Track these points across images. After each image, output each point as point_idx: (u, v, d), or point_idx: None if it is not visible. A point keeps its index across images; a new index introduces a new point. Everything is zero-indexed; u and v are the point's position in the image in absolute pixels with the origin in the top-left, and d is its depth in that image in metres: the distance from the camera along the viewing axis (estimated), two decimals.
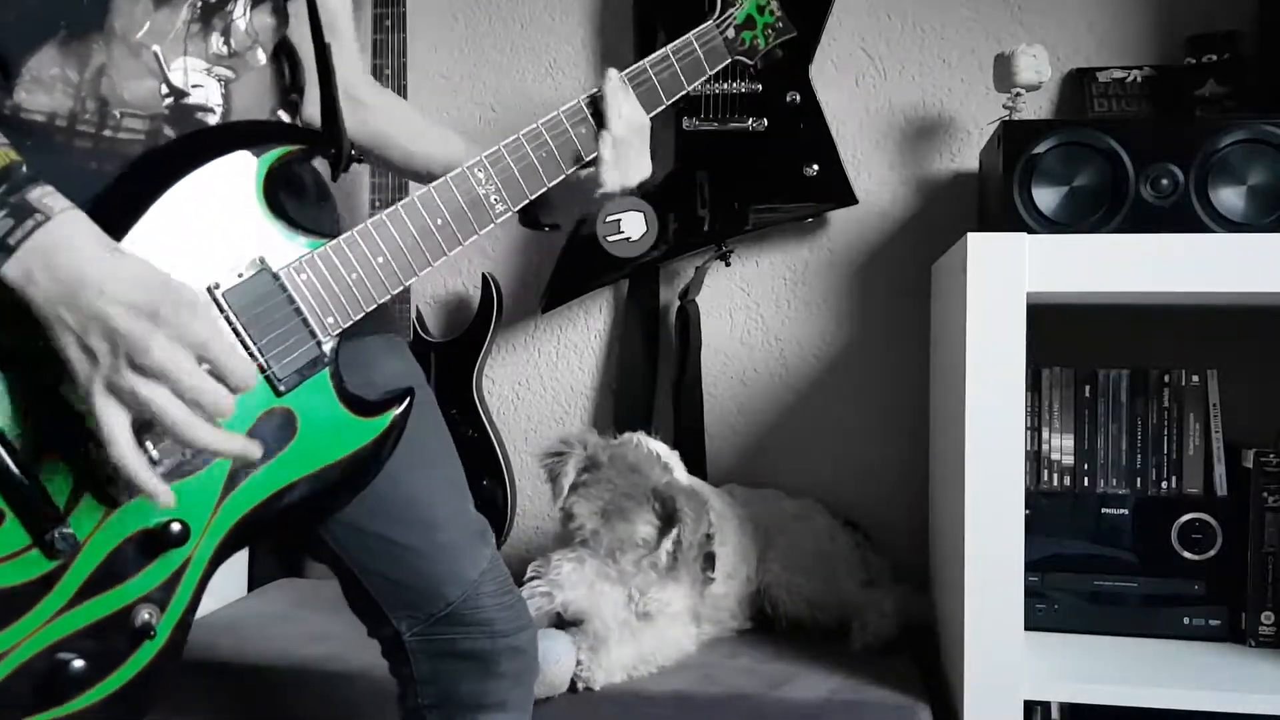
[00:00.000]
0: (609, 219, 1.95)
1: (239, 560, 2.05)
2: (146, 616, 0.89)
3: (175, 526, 0.88)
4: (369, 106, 1.19)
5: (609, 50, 2.08)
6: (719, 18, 1.22)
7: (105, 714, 0.89)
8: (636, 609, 1.59)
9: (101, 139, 0.90)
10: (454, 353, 2.02)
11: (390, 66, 1.93)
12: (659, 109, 1.17)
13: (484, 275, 2.04)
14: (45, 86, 0.88)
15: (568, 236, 2.00)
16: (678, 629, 1.60)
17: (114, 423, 0.80)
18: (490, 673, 1.11)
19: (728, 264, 2.01)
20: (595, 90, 1.13)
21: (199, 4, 0.93)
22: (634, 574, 1.56)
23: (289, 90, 1.05)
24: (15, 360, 0.83)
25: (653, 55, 1.17)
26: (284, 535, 1.06)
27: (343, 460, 0.97)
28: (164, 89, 0.93)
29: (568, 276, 2.00)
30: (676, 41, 1.19)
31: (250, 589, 2.06)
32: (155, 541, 0.88)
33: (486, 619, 1.10)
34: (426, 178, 1.14)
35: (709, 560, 1.66)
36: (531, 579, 1.59)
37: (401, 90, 1.94)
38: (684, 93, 1.19)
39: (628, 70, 1.14)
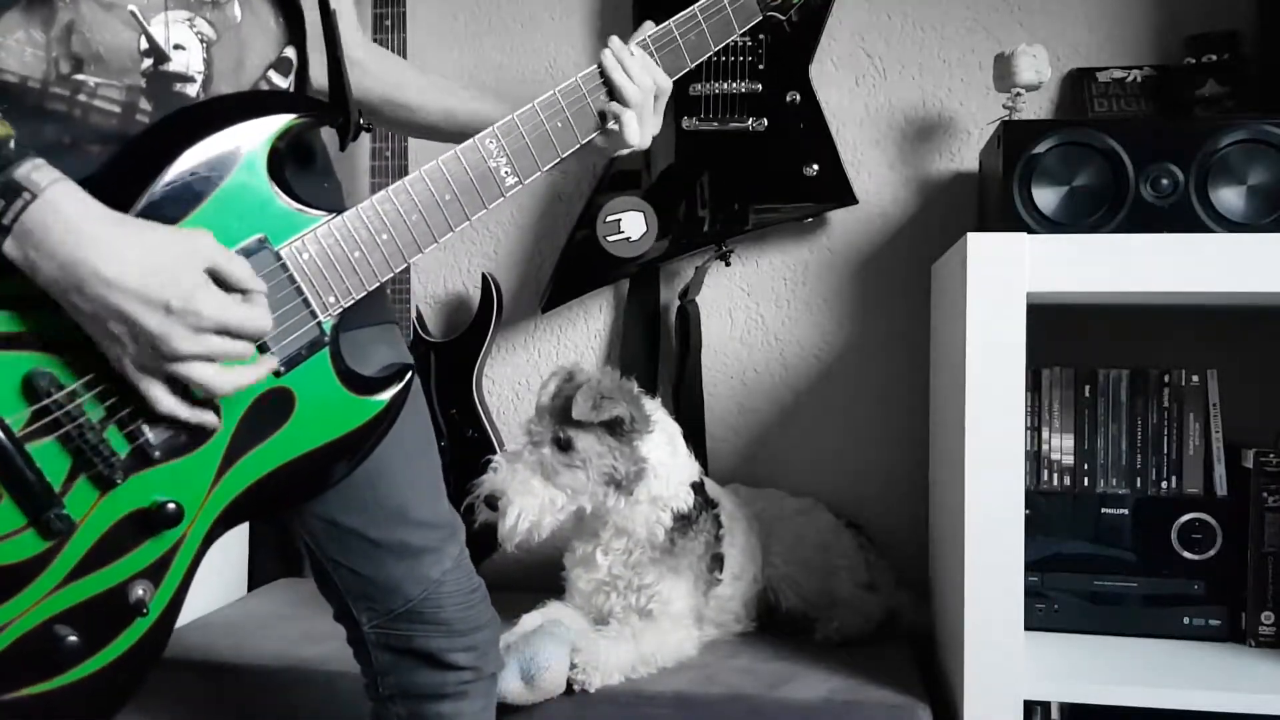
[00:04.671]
0: (609, 219, 1.96)
1: (239, 560, 2.05)
2: (140, 593, 0.91)
3: (170, 506, 0.90)
4: (364, 68, 1.17)
5: None
6: None
7: (98, 687, 0.91)
8: (636, 606, 1.59)
9: (75, 105, 0.89)
10: (454, 353, 2.02)
11: None
12: (683, 71, 1.13)
13: (484, 275, 2.04)
14: (13, 52, 0.87)
15: (567, 236, 2.00)
16: (680, 633, 1.59)
17: (156, 393, 0.86)
18: (445, 665, 1.11)
19: (728, 264, 2.01)
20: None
21: None
22: (572, 472, 1.52)
23: (283, 44, 1.02)
24: (10, 342, 0.85)
25: (679, 15, 1.12)
26: (277, 513, 1.07)
27: (339, 439, 0.98)
28: (143, 43, 0.91)
29: (568, 276, 2.00)
30: (701, 2, 1.13)
31: (250, 589, 2.06)
32: (150, 521, 0.90)
33: (444, 619, 1.11)
34: (433, 135, 1.16)
35: (717, 561, 1.65)
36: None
37: None
38: (710, 53, 1.15)
39: (653, 32, 1.11)
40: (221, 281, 0.86)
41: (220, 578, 1.98)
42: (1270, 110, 1.70)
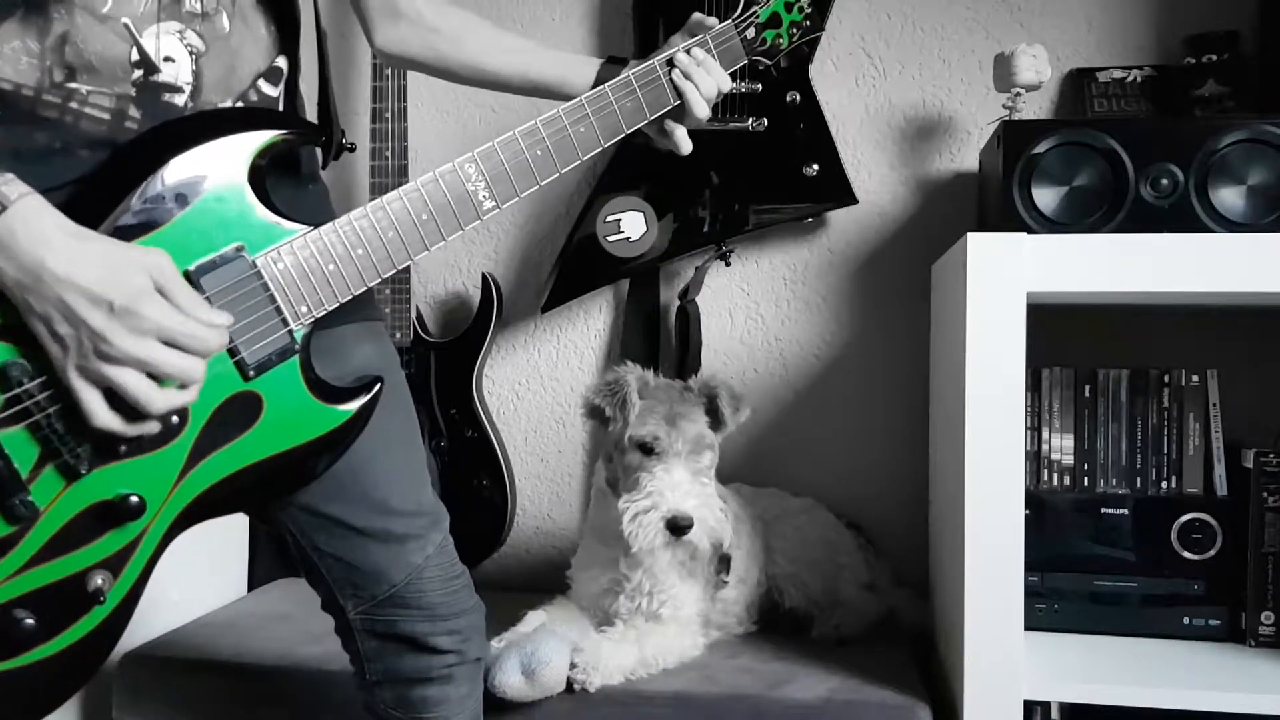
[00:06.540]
0: (609, 219, 1.96)
1: (239, 560, 2.05)
2: (99, 582, 0.93)
3: (133, 499, 0.92)
4: (438, 32, 1.20)
5: (609, 51, 2.07)
6: (739, 18, 1.19)
7: (52, 671, 0.93)
8: (645, 610, 1.58)
9: (67, 112, 0.92)
10: (454, 353, 2.02)
11: (389, 66, 1.93)
12: (662, 111, 1.17)
13: (484, 275, 2.04)
14: (9, 60, 0.90)
15: (567, 236, 2.00)
16: (686, 639, 1.58)
17: (90, 399, 0.87)
18: (429, 649, 1.13)
19: (728, 264, 2.01)
20: (643, 61, 1.14)
21: None
22: (709, 471, 1.55)
23: (274, 53, 1.04)
24: None
25: (660, 57, 1.15)
26: (240, 511, 1.09)
27: (305, 445, 1.00)
28: (134, 55, 0.93)
29: (568, 276, 2.00)
30: (690, 42, 1.17)
31: (250, 589, 2.06)
32: (113, 513, 0.92)
33: (428, 604, 1.13)
34: (502, 88, 1.22)
35: (724, 563, 1.65)
36: (624, 500, 1.49)
37: (401, 91, 1.94)
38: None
39: (635, 72, 1.13)
40: (171, 301, 0.88)
41: (220, 578, 1.98)
42: (1270, 110, 1.70)
